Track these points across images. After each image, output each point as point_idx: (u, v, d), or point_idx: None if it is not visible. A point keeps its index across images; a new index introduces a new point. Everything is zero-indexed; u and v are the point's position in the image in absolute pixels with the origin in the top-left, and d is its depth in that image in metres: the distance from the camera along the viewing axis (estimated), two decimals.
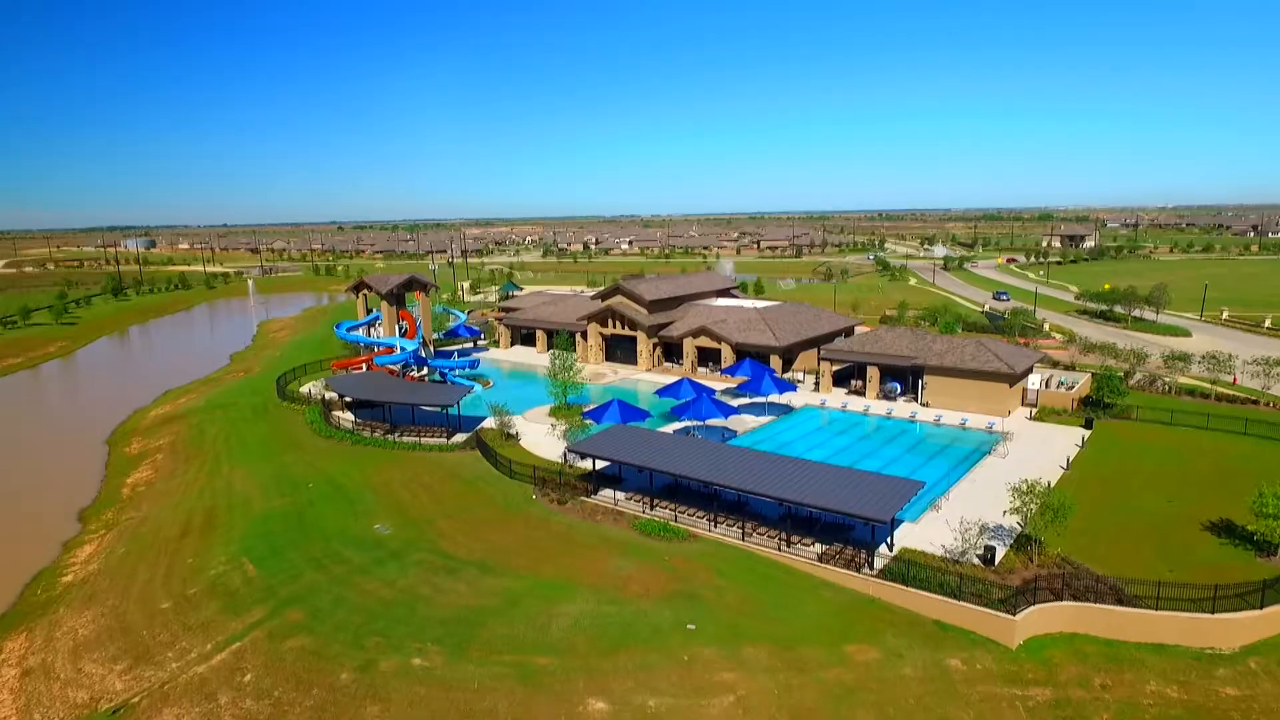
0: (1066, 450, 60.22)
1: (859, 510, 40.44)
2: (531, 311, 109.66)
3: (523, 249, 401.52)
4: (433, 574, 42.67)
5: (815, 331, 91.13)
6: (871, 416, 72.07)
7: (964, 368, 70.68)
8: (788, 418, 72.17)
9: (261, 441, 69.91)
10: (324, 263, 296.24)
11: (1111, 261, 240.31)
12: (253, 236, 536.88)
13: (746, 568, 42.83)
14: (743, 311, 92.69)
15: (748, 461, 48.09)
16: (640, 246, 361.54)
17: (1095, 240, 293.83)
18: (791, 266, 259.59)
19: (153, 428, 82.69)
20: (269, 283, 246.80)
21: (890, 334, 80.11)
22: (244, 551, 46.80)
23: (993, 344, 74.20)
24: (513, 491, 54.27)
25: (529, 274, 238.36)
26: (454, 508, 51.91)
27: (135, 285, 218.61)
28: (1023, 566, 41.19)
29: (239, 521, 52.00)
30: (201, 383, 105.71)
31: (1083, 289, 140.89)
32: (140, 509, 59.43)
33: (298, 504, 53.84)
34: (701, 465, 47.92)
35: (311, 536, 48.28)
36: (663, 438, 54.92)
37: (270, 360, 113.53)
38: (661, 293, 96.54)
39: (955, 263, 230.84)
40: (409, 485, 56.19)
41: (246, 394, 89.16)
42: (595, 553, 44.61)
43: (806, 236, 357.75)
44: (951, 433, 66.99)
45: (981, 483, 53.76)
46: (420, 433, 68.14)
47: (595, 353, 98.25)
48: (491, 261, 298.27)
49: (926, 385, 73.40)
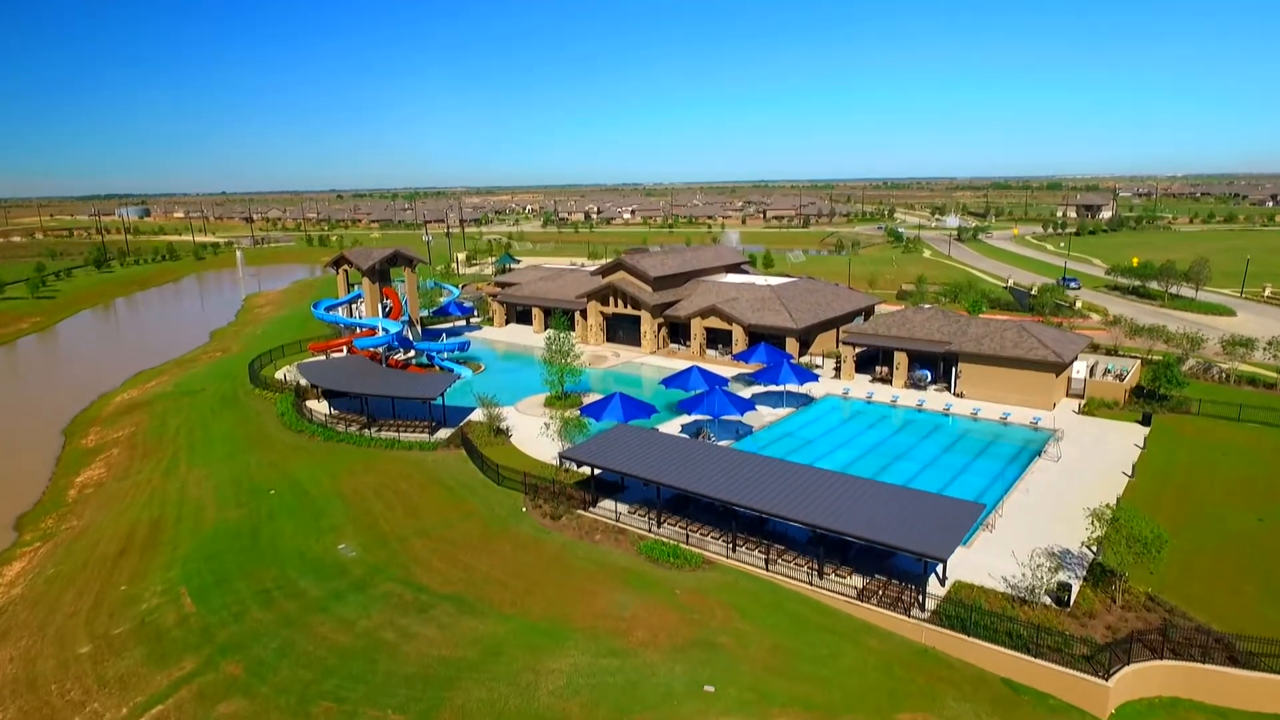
0: (1126, 451, 53.34)
1: (913, 545, 33.63)
2: (528, 288, 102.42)
3: (522, 218, 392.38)
4: (400, 612, 36.03)
5: (834, 311, 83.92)
6: (900, 409, 65.12)
7: (1005, 355, 63.53)
8: (807, 409, 65.27)
9: (226, 436, 63.19)
10: (318, 233, 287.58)
11: (1131, 233, 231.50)
12: (248, 205, 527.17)
13: (772, 605, 36.15)
14: (755, 289, 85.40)
15: (772, 475, 41.21)
16: (643, 216, 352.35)
17: (1112, 210, 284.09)
18: (799, 237, 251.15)
19: (114, 416, 75.98)
20: (260, 254, 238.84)
21: (919, 315, 72.87)
22: (184, 578, 40.19)
23: (1035, 328, 66.91)
24: (500, 502, 47.55)
25: (528, 245, 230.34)
26: (431, 522, 45.20)
27: (120, 256, 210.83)
28: (1104, 608, 34.46)
29: (186, 538, 45.38)
30: (175, 363, 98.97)
31: (1111, 264, 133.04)
32: (83, 517, 52.86)
33: (255, 516, 47.16)
34: (718, 480, 41.07)
35: (265, 560, 41.65)
36: (671, 442, 47.99)
37: (250, 339, 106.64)
38: (667, 268, 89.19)
39: (969, 234, 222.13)
40: (383, 493, 49.46)
41: (218, 378, 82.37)
42: (593, 584, 37.96)
43: (814, 206, 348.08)
44: (992, 429, 60.06)
45: (1036, 493, 46.94)
46: (400, 427, 61.34)
47: (596, 333, 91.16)
48: (490, 231, 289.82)
49: (961, 374, 66.32)
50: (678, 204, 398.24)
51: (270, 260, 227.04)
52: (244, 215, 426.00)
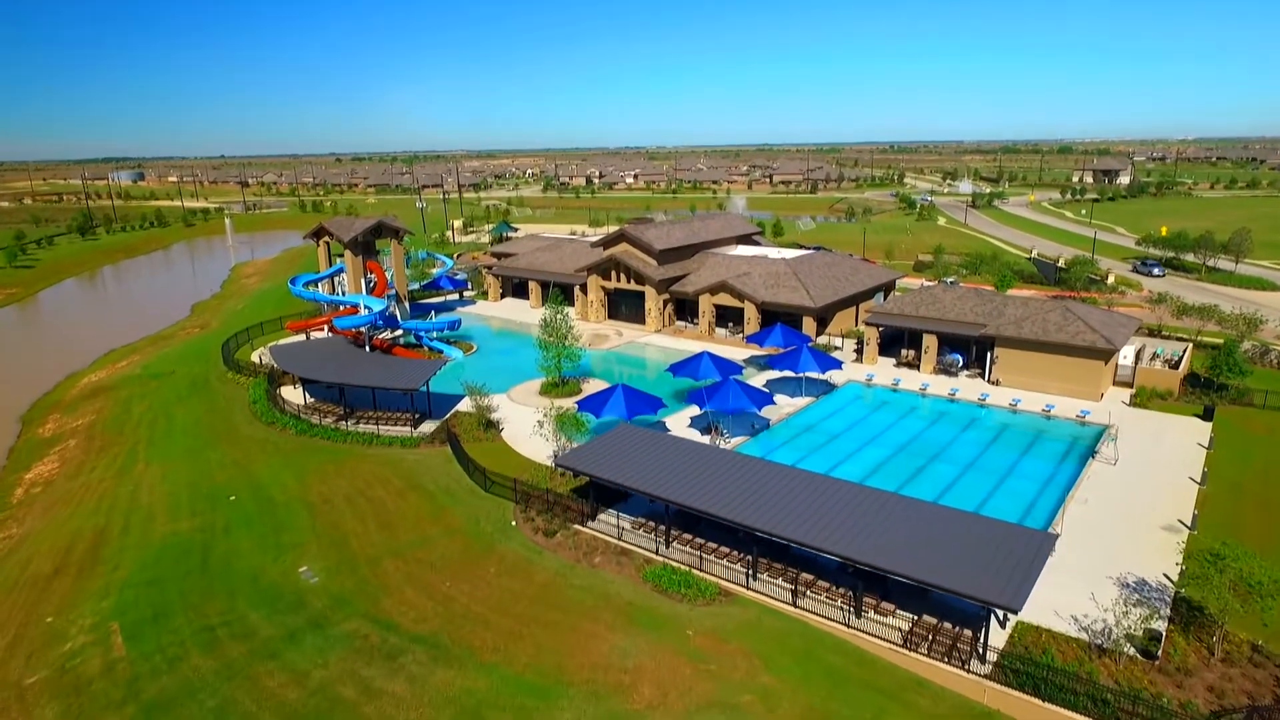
0: (1189, 452, 47.55)
1: (979, 591, 27.88)
2: (525, 259, 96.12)
3: (522, 182, 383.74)
4: (364, 660, 30.57)
5: (854, 288, 77.68)
6: (930, 398, 59.25)
7: (1047, 340, 57.48)
8: (829, 398, 59.44)
9: (190, 428, 57.57)
10: (312, 198, 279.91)
11: (1152, 200, 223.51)
12: (243, 169, 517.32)
13: (803, 654, 30.61)
14: (768, 263, 79.07)
15: (801, 492, 35.43)
16: (646, 181, 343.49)
17: (1130, 175, 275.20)
18: (807, 203, 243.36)
19: (77, 401, 70.38)
20: (251, 220, 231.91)
21: (949, 294, 66.73)
22: (119, 610, 34.74)
23: (1081, 309, 60.66)
24: (486, 513, 41.96)
25: (527, 211, 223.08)
26: (408, 539, 39.66)
27: (106, 223, 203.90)
28: (1200, 661, 28.91)
29: (130, 555, 39.92)
30: (150, 340, 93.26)
31: (1142, 234, 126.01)
32: (24, 523, 47.47)
33: (209, 529, 41.65)
34: (738, 498, 35.31)
35: (213, 586, 36.16)
36: (681, 447, 42.11)
37: (231, 314, 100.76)
38: (673, 240, 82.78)
39: (984, 200, 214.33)
40: (355, 501, 43.89)
41: (191, 359, 76.60)
42: (591, 622, 32.45)
43: (821, 171, 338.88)
44: (1034, 422, 54.22)
45: (1097, 504, 41.24)
46: (380, 420, 55.62)
47: (596, 310, 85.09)
48: (489, 197, 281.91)
49: (998, 359, 60.35)
50: (681, 168, 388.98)
51: (262, 227, 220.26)
52: (239, 180, 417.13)
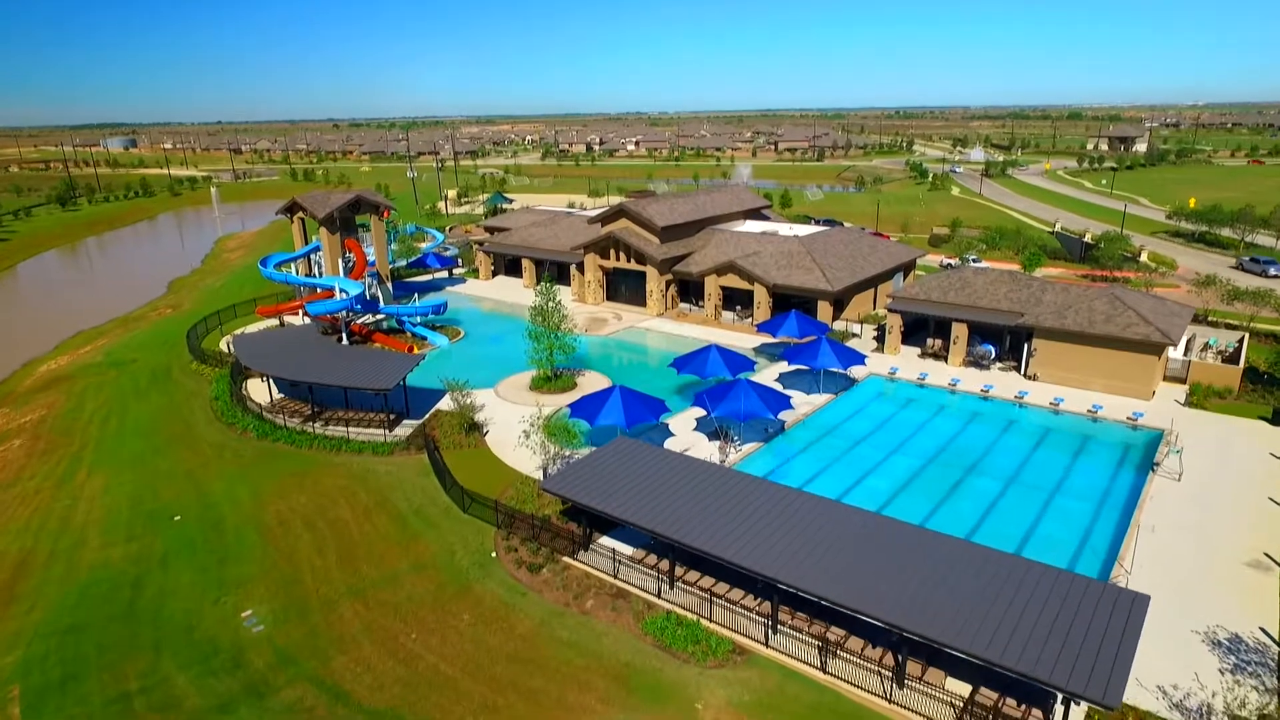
0: (1264, 465, 41.97)
1: (1060, 678, 22.33)
2: (519, 235, 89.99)
3: (521, 149, 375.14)
4: None
5: (873, 268, 71.65)
6: (960, 395, 53.55)
7: (1093, 332, 51.63)
8: (849, 394, 53.79)
9: (144, 428, 52.07)
10: (305, 166, 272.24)
11: (1172, 168, 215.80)
12: (236, 136, 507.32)
13: None
14: (780, 241, 72.98)
15: (833, 530, 29.86)
16: (648, 148, 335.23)
17: (1147, 143, 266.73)
18: (814, 171, 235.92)
19: (31, 394, 64.81)
20: (240, 189, 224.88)
21: (980, 276, 60.78)
22: (23, 669, 29.45)
23: (1131, 296, 54.63)
24: (464, 540, 36.55)
25: (525, 179, 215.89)
26: (371, 575, 34.28)
27: (89, 193, 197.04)
28: None
29: (51, 591, 34.58)
30: (120, 322, 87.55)
31: (1173, 206, 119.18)
32: None
33: (145, 558, 36.31)
34: (755, 538, 29.74)
35: (140, 637, 30.83)
36: (685, 469, 36.27)
37: (208, 293, 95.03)
38: (677, 216, 76.57)
39: (998, 168, 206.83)
40: (315, 523, 38.49)
41: (156, 345, 71.01)
42: (580, 691, 27.12)
43: (827, 137, 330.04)
44: (1079, 425, 48.60)
45: (1167, 532, 35.73)
46: (352, 421, 50.07)
47: (594, 291, 79.16)
48: (486, 165, 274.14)
49: (1036, 352, 54.57)
50: (684, 134, 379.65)
51: (251, 196, 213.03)
52: (232, 146, 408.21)
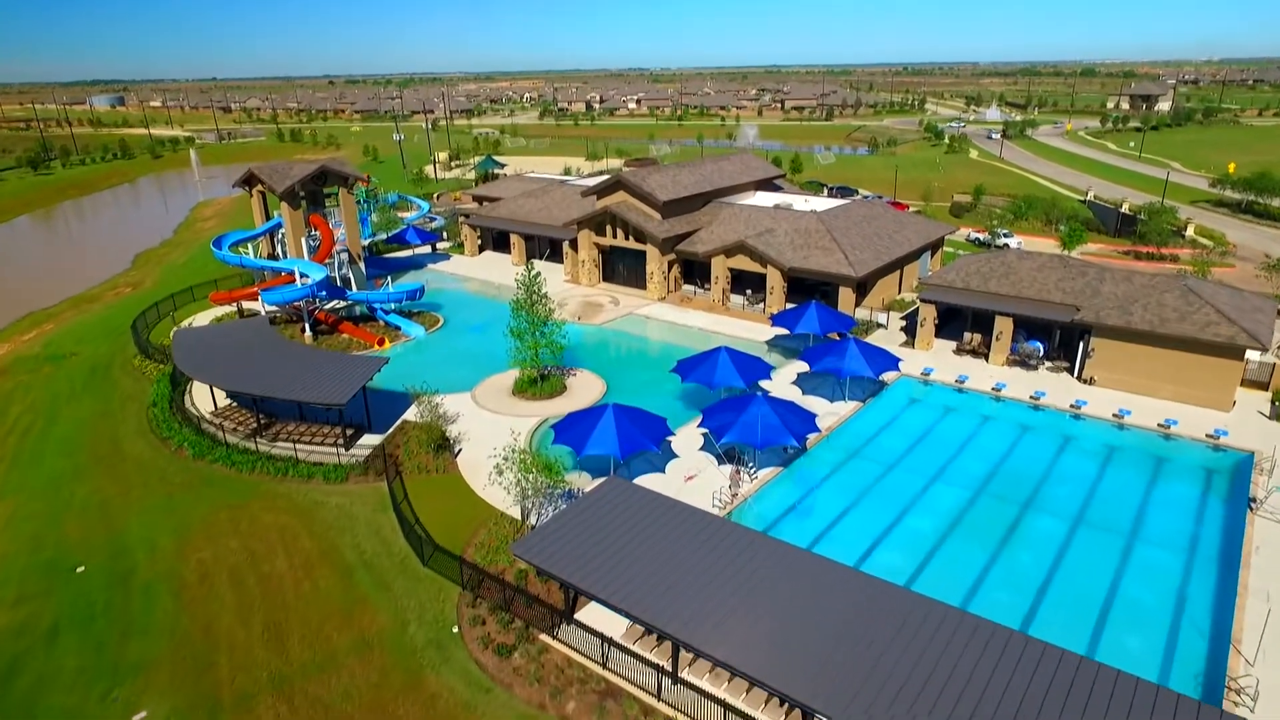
0: None
1: None
2: (507, 206, 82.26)
3: (519, 107, 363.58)
4: None
5: (900, 248, 64.19)
6: (1006, 402, 46.49)
7: (1165, 333, 44.45)
8: (878, 401, 46.81)
9: (68, 442, 45.26)
10: (293, 125, 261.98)
11: (1200, 128, 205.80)
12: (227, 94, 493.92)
13: None
14: (796, 217, 65.37)
15: (879, 621, 23.03)
16: (649, 106, 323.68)
17: (1172, 101, 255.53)
18: (823, 131, 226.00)
19: None
20: (225, 151, 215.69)
21: (1025, 262, 53.34)
22: None
23: (1205, 288, 47.17)
24: (421, 606, 29.87)
25: (520, 141, 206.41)
26: (303, 657, 27.66)
27: (64, 155, 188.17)
28: None
29: None
30: (72, 303, 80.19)
31: (1204, 169, 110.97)
32: None
33: (30, 630, 29.67)
34: (781, 637, 22.98)
35: None
36: (689, 525, 29.23)
37: (170, 269, 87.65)
38: (680, 189, 68.88)
39: (1016, 129, 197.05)
40: (244, 580, 31.80)
41: (102, 334, 63.95)
42: None
43: (836, 95, 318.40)
44: (1150, 443, 41.65)
45: None
46: (303, 435, 43.20)
47: (589, 271, 71.76)
48: (482, 124, 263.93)
49: (1094, 352, 47.42)
50: (687, 92, 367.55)
51: (237, 158, 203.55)
52: (221, 105, 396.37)
